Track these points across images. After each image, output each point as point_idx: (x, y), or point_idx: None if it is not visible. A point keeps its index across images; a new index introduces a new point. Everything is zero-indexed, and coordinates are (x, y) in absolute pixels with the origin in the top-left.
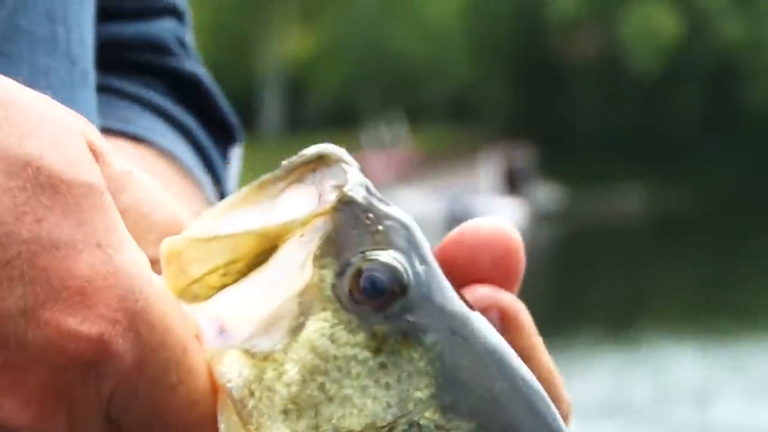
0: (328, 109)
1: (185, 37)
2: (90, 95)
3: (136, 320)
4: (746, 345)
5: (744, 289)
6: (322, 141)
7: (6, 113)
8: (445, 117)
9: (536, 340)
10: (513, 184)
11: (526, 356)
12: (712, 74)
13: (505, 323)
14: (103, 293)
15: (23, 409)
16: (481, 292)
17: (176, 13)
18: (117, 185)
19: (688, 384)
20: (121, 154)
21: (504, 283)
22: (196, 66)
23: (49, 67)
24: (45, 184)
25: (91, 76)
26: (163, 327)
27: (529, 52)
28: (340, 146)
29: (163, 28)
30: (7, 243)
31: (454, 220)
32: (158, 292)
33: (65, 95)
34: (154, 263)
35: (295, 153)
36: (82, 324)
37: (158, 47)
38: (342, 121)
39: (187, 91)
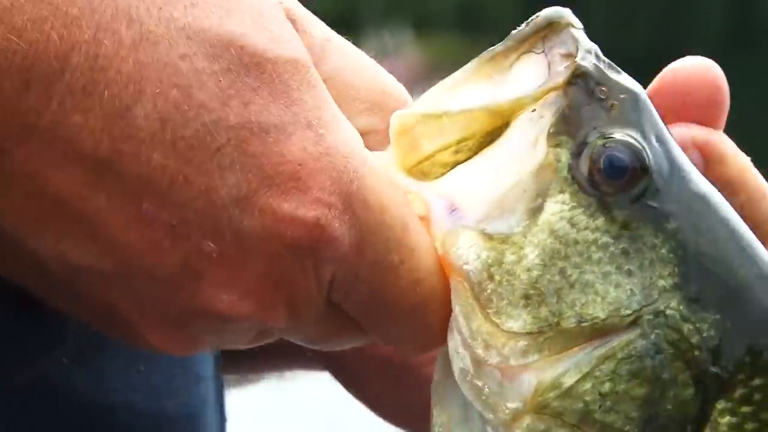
0: (327, 13)
1: None
2: None
3: (352, 201)
4: None
5: None
6: None
7: None
8: (453, 26)
9: (743, 164)
10: None
11: (737, 182)
12: None
13: (706, 158)
14: (316, 176)
15: (242, 300)
16: (675, 131)
17: None
18: (318, 55)
19: None
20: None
21: (712, 121)
22: None
23: None
24: (250, 65)
25: None
26: (380, 206)
27: None
28: None
29: None
30: (215, 130)
31: None
32: (373, 170)
33: None
34: (364, 134)
35: None
36: (297, 209)
37: None
38: (342, 25)
39: None
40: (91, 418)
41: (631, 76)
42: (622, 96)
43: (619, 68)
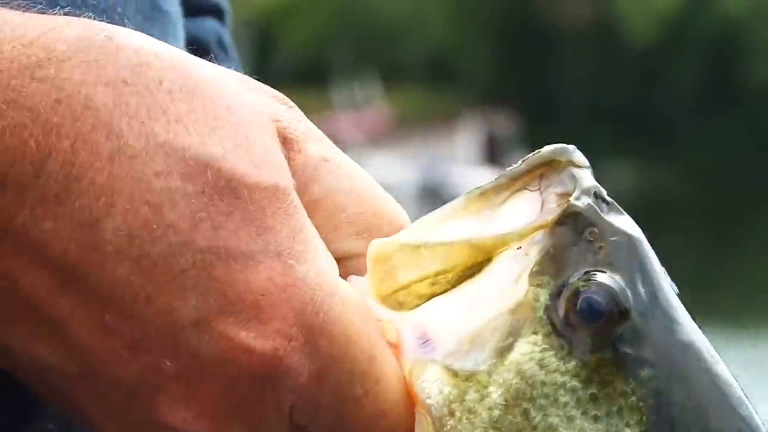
0: (298, 65)
1: (225, 38)
2: None
3: (314, 334)
4: (738, 332)
5: (738, 278)
6: (291, 97)
7: (190, 106)
8: (422, 79)
9: None
10: (493, 153)
11: None
12: (711, 48)
13: None
14: (279, 307)
15: (197, 419)
16: None
17: (218, 13)
18: (310, 175)
19: None
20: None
21: None
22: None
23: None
24: (224, 189)
25: None
26: (346, 338)
27: (516, 13)
28: (310, 104)
29: (205, 27)
30: (180, 252)
31: (428, 189)
32: (342, 301)
33: None
34: (351, 258)
35: None
36: (255, 339)
37: (198, 48)
38: (312, 77)
39: None
40: None
41: (608, 126)
42: (612, 238)
43: (621, 209)
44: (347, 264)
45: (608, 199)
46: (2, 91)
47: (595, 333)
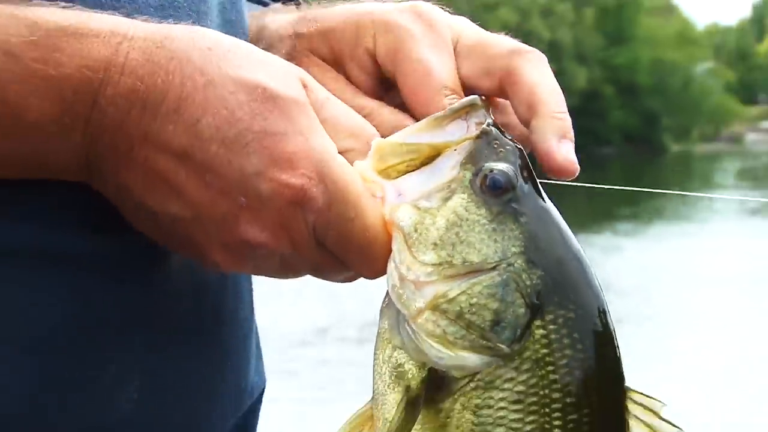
0: None
1: None
2: None
3: (324, 178)
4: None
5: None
6: None
7: (247, 60)
8: None
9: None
10: None
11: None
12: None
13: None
14: (302, 161)
15: (261, 233)
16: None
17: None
18: (320, 105)
19: None
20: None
21: None
22: None
23: (229, 19)
24: (269, 99)
25: None
26: (343, 182)
27: None
28: None
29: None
30: (245, 134)
31: None
32: (340, 163)
33: None
34: (346, 152)
35: None
36: (291, 179)
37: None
38: None
39: None
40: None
41: None
42: (507, 147)
43: (507, 133)
44: (344, 156)
45: (500, 127)
46: (142, 53)
47: (497, 196)
